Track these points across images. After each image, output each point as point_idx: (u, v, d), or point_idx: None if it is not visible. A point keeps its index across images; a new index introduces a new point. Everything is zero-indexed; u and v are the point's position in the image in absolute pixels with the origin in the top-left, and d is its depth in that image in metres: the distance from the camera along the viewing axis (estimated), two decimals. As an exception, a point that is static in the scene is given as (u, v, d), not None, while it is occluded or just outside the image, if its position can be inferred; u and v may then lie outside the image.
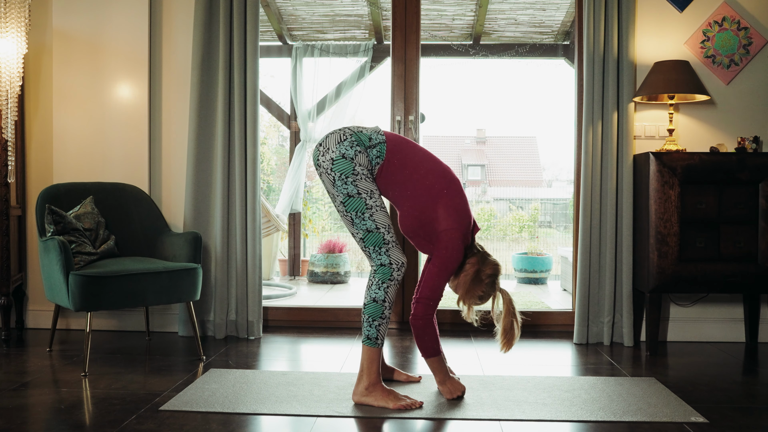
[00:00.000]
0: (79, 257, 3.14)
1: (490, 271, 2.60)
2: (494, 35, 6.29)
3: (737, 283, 3.36)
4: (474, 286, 2.60)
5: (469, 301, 2.64)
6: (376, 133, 2.55)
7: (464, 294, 2.62)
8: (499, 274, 2.62)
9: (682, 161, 3.34)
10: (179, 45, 3.81)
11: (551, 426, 2.34)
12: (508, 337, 2.56)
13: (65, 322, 3.85)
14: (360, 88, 6.48)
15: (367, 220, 2.49)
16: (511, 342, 2.56)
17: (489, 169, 14.50)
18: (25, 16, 3.49)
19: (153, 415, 2.39)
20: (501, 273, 2.63)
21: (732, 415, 2.46)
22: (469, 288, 2.60)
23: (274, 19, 6.09)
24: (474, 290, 2.60)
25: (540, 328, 3.89)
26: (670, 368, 3.14)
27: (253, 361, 3.18)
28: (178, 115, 3.82)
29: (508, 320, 2.56)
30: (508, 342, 2.56)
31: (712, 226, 3.36)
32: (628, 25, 3.57)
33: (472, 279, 2.59)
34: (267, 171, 8.30)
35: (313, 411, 2.43)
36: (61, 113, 3.78)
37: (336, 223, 8.32)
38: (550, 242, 9.50)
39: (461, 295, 2.64)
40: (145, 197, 3.60)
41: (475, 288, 2.60)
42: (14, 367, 3.04)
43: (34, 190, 3.82)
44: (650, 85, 3.46)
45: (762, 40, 3.66)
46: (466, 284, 2.60)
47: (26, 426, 2.28)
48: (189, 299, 3.19)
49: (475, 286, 2.60)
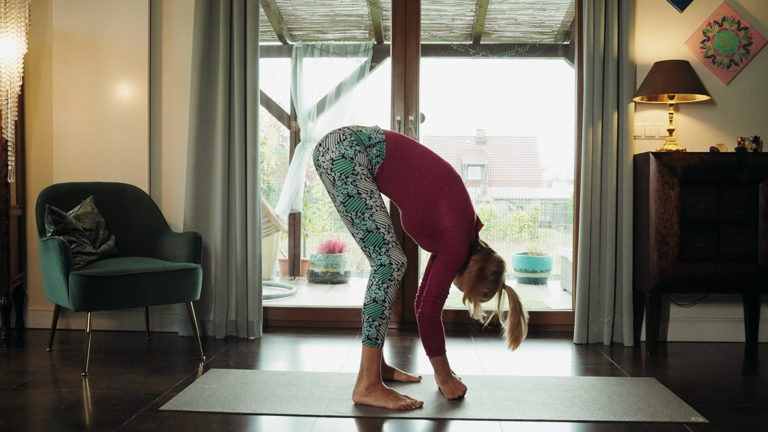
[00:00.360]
0: (79, 257, 3.14)
1: (494, 268, 2.59)
2: (494, 35, 6.29)
3: (737, 283, 3.36)
4: (478, 284, 2.59)
5: (474, 299, 2.63)
6: (376, 132, 2.54)
7: (469, 291, 2.61)
8: (503, 271, 2.62)
9: (682, 161, 3.34)
10: (179, 45, 3.81)
11: (551, 426, 2.34)
12: (515, 334, 2.56)
13: (65, 322, 3.85)
14: (360, 88, 6.48)
15: (367, 220, 2.49)
16: (519, 339, 2.56)
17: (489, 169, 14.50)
18: (25, 16, 3.49)
19: (153, 415, 2.39)
20: (505, 270, 2.63)
21: (732, 415, 2.46)
22: (474, 285, 2.60)
23: (274, 19, 6.09)
24: (479, 287, 2.60)
25: (540, 328, 3.89)
26: (670, 368, 3.14)
27: (253, 361, 3.18)
28: (178, 115, 3.82)
29: (515, 318, 2.56)
30: (515, 339, 2.56)
31: (712, 226, 3.36)
32: (628, 25, 3.57)
33: (476, 276, 2.59)
34: (267, 171, 8.30)
35: (313, 411, 2.44)
36: (61, 113, 3.78)
37: (336, 223, 8.32)
38: (550, 242, 9.50)
39: (466, 293, 2.63)
40: (145, 197, 3.60)
41: (480, 285, 2.60)
42: (14, 367, 3.04)
43: (34, 190, 3.82)
44: (650, 85, 3.46)
45: (762, 40, 3.66)
46: (470, 282, 2.60)
47: (26, 426, 2.28)
48: (189, 299, 3.19)
49: (480, 283, 2.59)
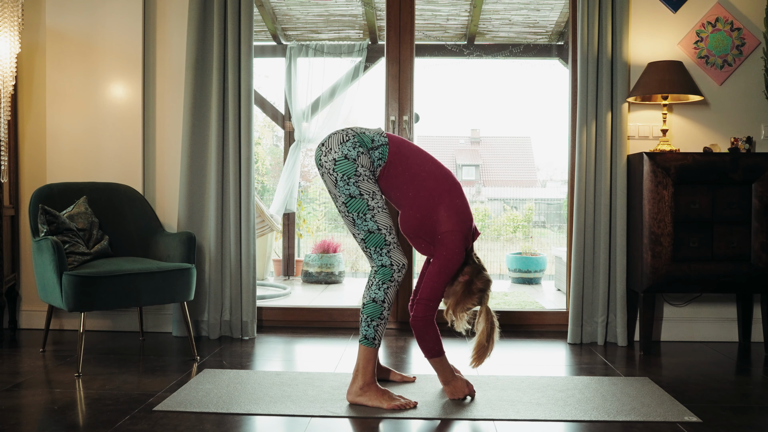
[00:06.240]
0: (73, 257, 3.13)
1: (481, 285, 2.62)
2: (488, 35, 6.29)
3: (730, 282, 3.37)
4: (464, 298, 2.61)
5: (457, 311, 2.64)
6: (379, 135, 2.56)
7: (454, 304, 2.63)
8: (488, 290, 2.64)
9: (676, 161, 3.35)
10: (173, 45, 3.80)
11: (545, 426, 2.34)
12: (480, 352, 2.58)
13: (58, 323, 3.83)
14: (354, 88, 6.47)
15: (368, 221, 2.50)
16: (482, 359, 2.58)
17: (483, 169, 14.51)
18: (18, 16, 3.48)
19: (147, 415, 2.38)
20: (491, 289, 2.66)
21: (725, 414, 2.47)
22: (459, 299, 2.62)
23: (269, 18, 6.09)
24: (463, 302, 2.62)
25: (534, 328, 3.89)
26: (663, 368, 3.15)
27: (247, 362, 3.18)
28: (172, 115, 3.81)
29: (483, 336, 2.58)
30: (478, 357, 2.58)
31: (705, 226, 3.37)
32: (621, 25, 3.58)
33: (462, 291, 2.61)
34: (261, 171, 8.29)
35: (308, 411, 2.43)
36: (54, 113, 3.76)
37: (330, 224, 8.31)
38: (544, 242, 9.51)
39: (450, 305, 2.64)
40: (139, 197, 3.59)
41: (465, 300, 2.62)
42: (7, 367, 3.03)
43: (27, 190, 3.80)
44: (644, 85, 3.47)
45: (755, 41, 3.67)
46: (456, 294, 2.62)
47: (19, 427, 2.28)
48: (183, 299, 3.18)
49: (465, 298, 2.61)
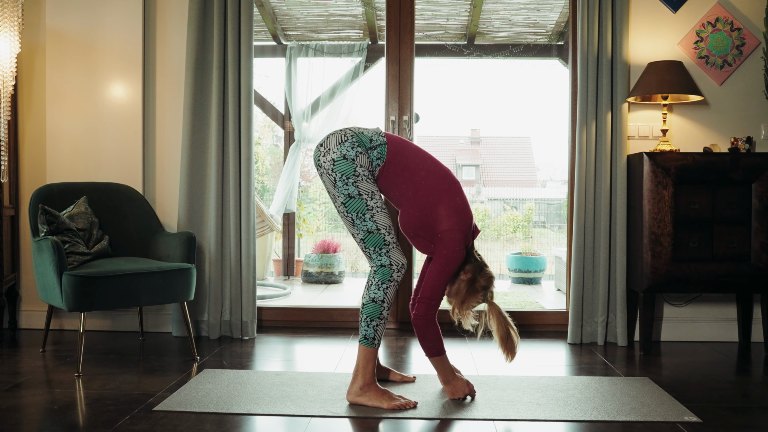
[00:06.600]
0: (73, 257, 3.13)
1: (484, 282, 2.62)
2: (488, 35, 6.29)
3: (730, 282, 3.37)
4: (468, 296, 2.62)
5: (463, 309, 2.65)
6: (377, 135, 2.56)
7: (459, 303, 2.64)
8: (491, 286, 2.65)
9: (676, 161, 3.35)
10: (173, 45, 3.80)
11: (545, 426, 2.34)
12: (508, 345, 2.58)
13: (58, 323, 3.83)
14: (354, 88, 6.47)
15: (367, 221, 2.50)
16: (513, 349, 2.58)
17: (483, 169, 14.50)
18: (18, 16, 3.48)
19: (147, 415, 2.38)
20: (494, 285, 2.66)
21: (725, 414, 2.47)
22: (465, 297, 2.62)
23: (269, 18, 6.08)
24: (469, 300, 2.63)
25: (534, 328, 3.89)
26: (663, 368, 3.15)
27: (247, 362, 3.18)
28: (172, 115, 3.81)
29: (503, 329, 2.59)
30: (509, 350, 2.58)
31: (705, 226, 3.37)
32: (621, 25, 3.58)
33: (467, 288, 2.61)
34: (261, 171, 8.29)
35: (308, 411, 2.43)
36: (54, 113, 3.76)
37: (330, 224, 8.31)
38: (544, 242, 9.50)
39: (455, 304, 2.65)
40: (139, 197, 3.59)
41: (469, 298, 2.62)
42: (7, 367, 3.03)
43: (27, 190, 3.80)
44: (644, 85, 3.47)
45: (755, 41, 3.67)
46: (459, 293, 2.62)
47: (19, 427, 2.28)
48: (183, 299, 3.18)
49: (469, 296, 2.62)
